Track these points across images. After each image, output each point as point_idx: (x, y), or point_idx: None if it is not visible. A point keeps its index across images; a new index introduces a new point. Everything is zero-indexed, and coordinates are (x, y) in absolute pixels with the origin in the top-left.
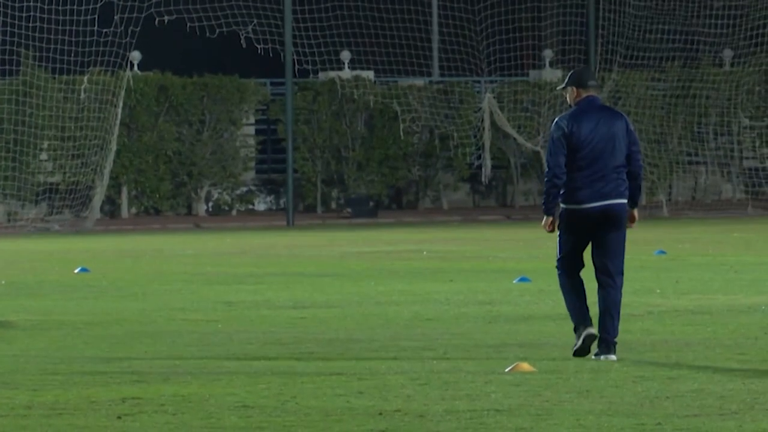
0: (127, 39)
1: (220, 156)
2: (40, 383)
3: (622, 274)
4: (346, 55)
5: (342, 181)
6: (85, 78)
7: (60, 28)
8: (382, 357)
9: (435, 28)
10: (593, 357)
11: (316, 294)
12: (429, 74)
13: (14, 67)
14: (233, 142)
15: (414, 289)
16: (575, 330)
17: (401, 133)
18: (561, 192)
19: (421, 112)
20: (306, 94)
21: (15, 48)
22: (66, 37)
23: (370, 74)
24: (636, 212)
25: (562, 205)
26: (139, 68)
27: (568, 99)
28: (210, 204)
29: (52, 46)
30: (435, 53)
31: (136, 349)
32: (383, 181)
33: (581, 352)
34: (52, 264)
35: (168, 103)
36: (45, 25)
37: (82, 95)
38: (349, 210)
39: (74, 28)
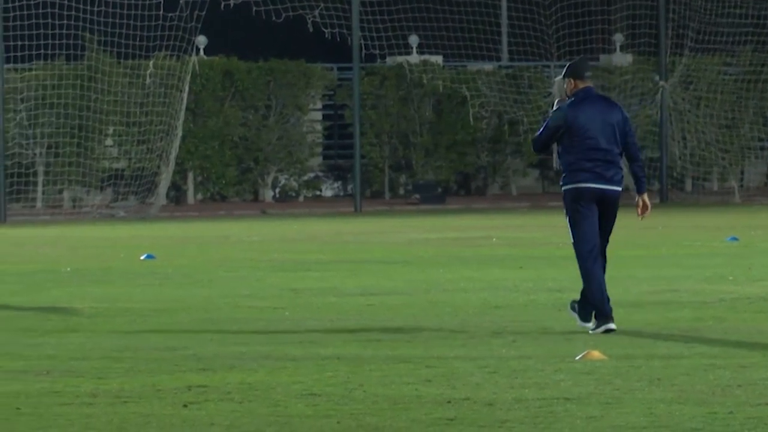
0: (193, 23)
1: (287, 142)
2: (105, 371)
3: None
4: (414, 40)
5: (410, 167)
6: (151, 63)
7: (125, 12)
8: (450, 345)
9: (504, 12)
10: (590, 332)
11: (384, 281)
12: (498, 59)
13: (79, 52)
14: (300, 127)
15: (482, 276)
16: (597, 317)
17: (470, 119)
18: (563, 176)
19: (490, 97)
20: (373, 79)
21: (80, 32)
22: (131, 22)
23: (438, 59)
24: (647, 198)
25: (564, 188)
26: (204, 53)
27: (566, 90)
28: (277, 190)
29: (117, 31)
30: (504, 37)
31: (202, 337)
32: (451, 167)
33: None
34: (118, 251)
35: (234, 88)
36: (110, 10)
37: (148, 80)
38: (417, 196)
39: (139, 12)
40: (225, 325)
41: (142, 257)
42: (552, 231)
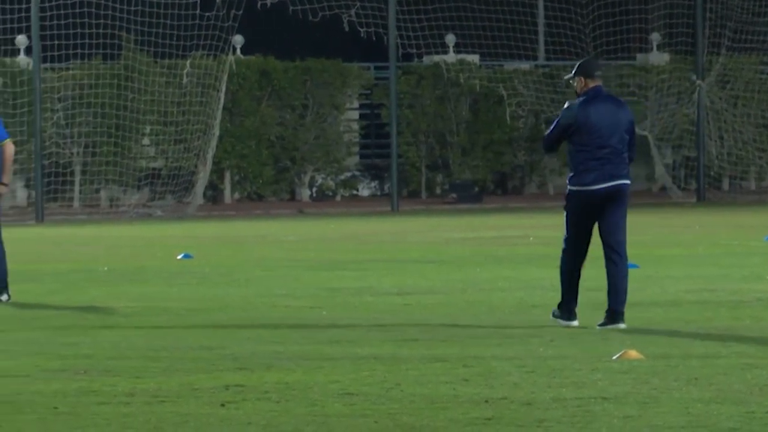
0: (230, 23)
1: (324, 141)
2: (142, 370)
3: (625, 247)
4: (450, 39)
5: (446, 166)
6: (188, 62)
7: (162, 11)
8: (487, 344)
9: (541, 11)
10: (597, 327)
11: (421, 280)
12: (535, 58)
13: (116, 51)
14: (336, 126)
15: (519, 275)
16: (559, 306)
17: (507, 118)
18: (571, 175)
19: (527, 97)
20: (410, 78)
21: (117, 32)
22: (168, 21)
23: (475, 58)
24: None
25: (570, 187)
26: (241, 52)
27: (576, 87)
28: (313, 189)
29: (154, 30)
30: (541, 36)
31: (239, 336)
32: (488, 166)
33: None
34: (154, 250)
35: (270, 87)
36: (147, 9)
37: (185, 79)
38: (453, 195)
39: (176, 11)
40: (262, 325)
41: (179, 256)
42: None
